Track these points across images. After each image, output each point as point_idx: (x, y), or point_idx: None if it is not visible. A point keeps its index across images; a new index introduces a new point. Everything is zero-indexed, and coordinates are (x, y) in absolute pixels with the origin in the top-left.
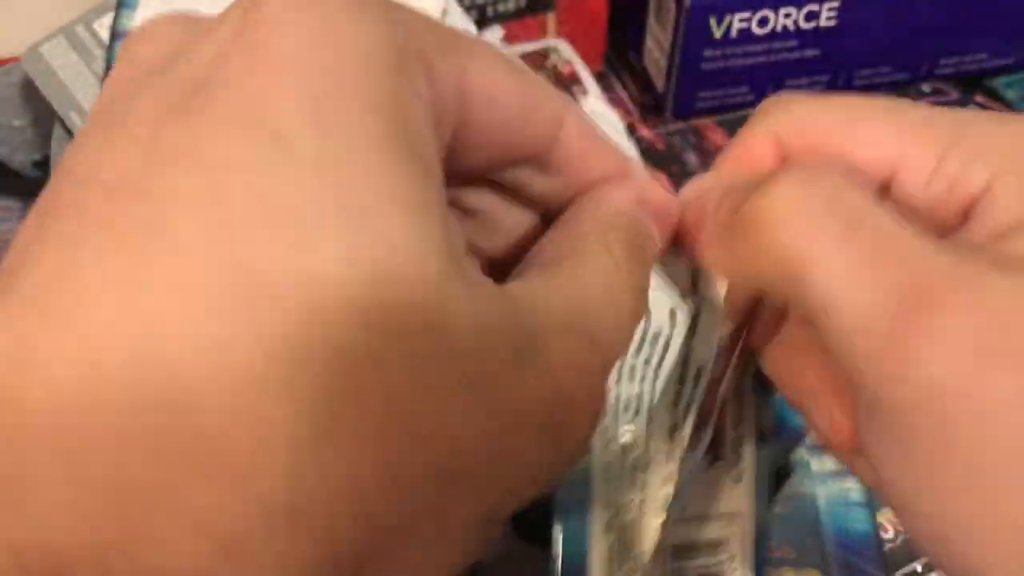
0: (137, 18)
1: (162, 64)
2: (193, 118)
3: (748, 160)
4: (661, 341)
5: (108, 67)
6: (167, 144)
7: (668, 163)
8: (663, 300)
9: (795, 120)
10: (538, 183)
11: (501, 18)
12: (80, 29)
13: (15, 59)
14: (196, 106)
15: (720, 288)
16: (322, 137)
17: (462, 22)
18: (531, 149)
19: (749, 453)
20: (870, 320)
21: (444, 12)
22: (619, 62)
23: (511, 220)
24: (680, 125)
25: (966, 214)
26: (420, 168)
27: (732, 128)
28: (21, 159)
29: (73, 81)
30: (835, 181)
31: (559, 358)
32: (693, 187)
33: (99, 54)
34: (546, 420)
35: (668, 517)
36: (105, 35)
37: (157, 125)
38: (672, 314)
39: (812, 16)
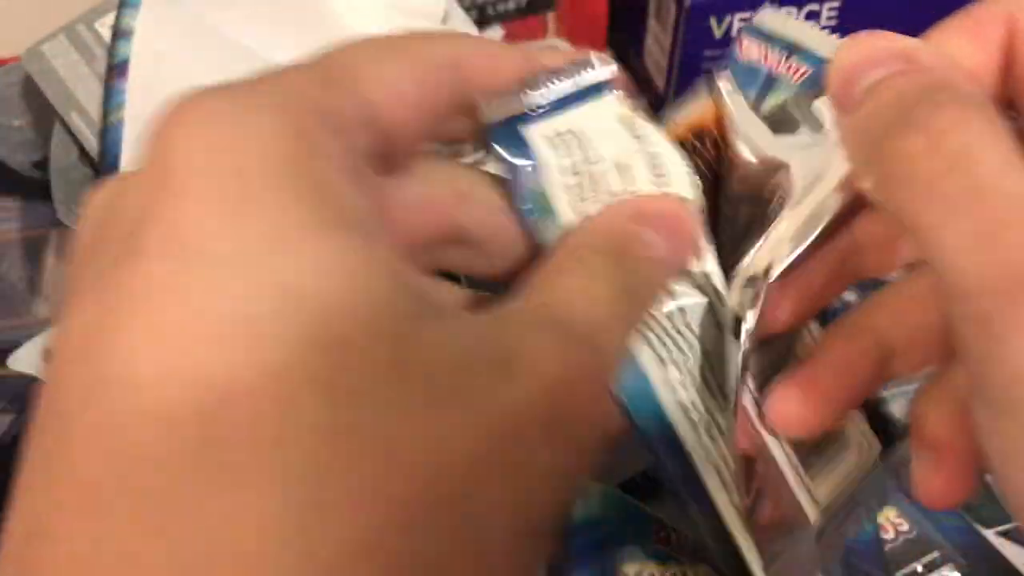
0: (140, 17)
1: (103, 221)
2: (131, 262)
3: (970, 27)
4: None
5: (110, 67)
6: (117, 289)
7: None
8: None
9: None
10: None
11: (501, 18)
12: (81, 28)
13: (15, 58)
14: (131, 251)
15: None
16: (239, 239)
17: (463, 24)
18: (446, 110)
19: None
20: (976, 291)
21: (445, 14)
22: (619, 62)
23: (502, 239)
24: None
25: None
26: (347, 235)
27: None
28: (21, 159)
29: (74, 81)
30: (969, 135)
31: (546, 362)
32: (862, 42)
33: (100, 54)
34: (547, 424)
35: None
36: (107, 34)
37: (104, 276)
38: None
39: (812, 16)
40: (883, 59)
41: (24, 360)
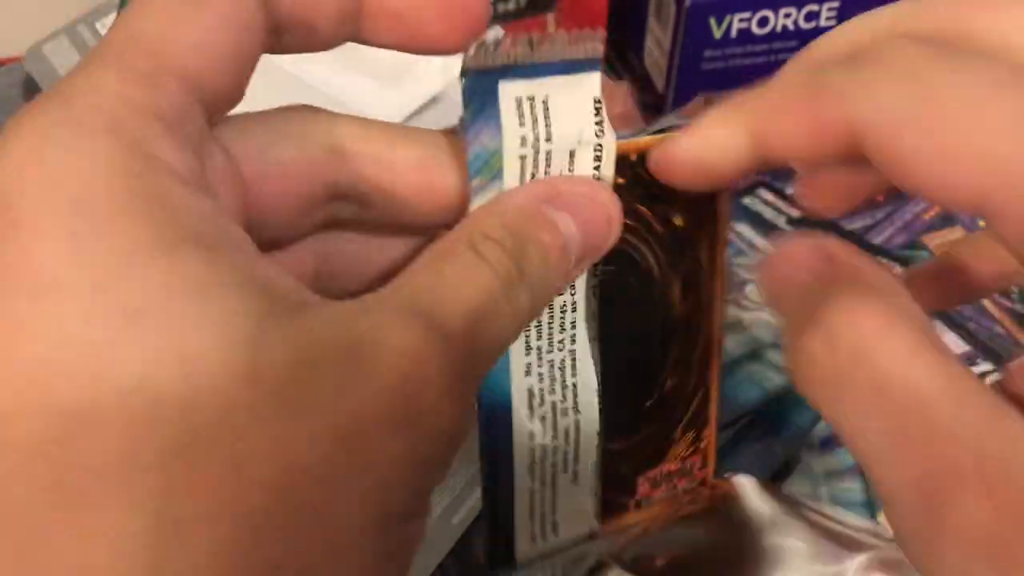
0: None
1: None
2: None
3: (808, 120)
4: None
5: None
6: None
7: None
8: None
9: (882, 114)
10: (372, 213)
11: (501, 18)
12: (82, 29)
13: (17, 58)
14: None
15: None
16: (85, 266)
17: None
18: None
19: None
20: (901, 500)
21: None
22: (619, 62)
23: (393, 195)
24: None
25: None
26: (195, 249)
27: None
28: None
29: None
30: (864, 327)
31: (397, 346)
32: (788, 245)
33: None
34: (397, 419)
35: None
36: None
37: None
38: None
39: (812, 16)
40: (802, 259)
41: None
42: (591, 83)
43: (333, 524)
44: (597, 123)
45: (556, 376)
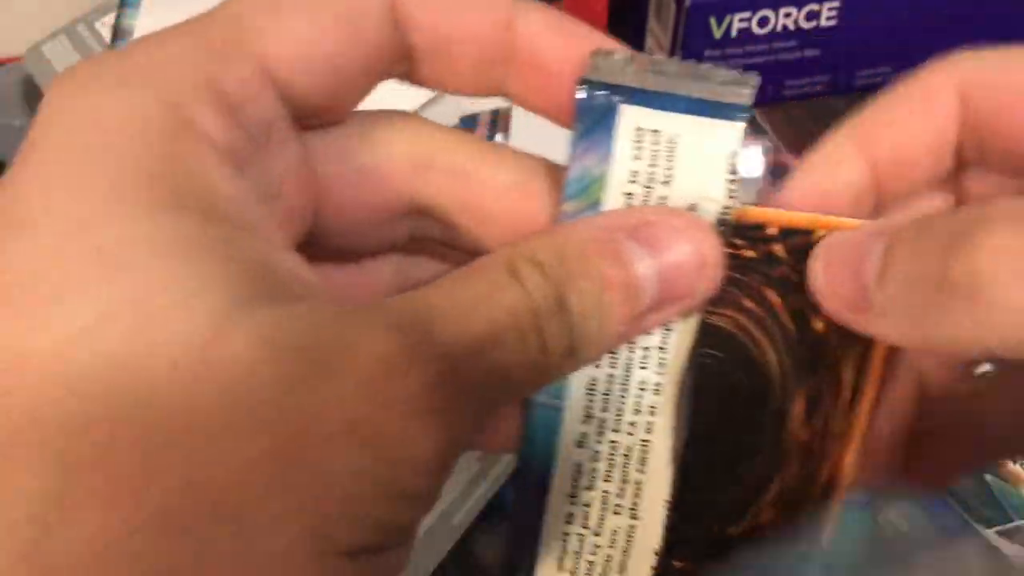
0: (140, 17)
1: None
2: None
3: (920, 98)
4: None
5: None
6: None
7: None
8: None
9: (987, 71)
10: (458, 236)
11: None
12: (82, 28)
13: (17, 58)
14: None
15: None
16: (74, 205)
17: None
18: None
19: None
20: None
21: None
22: None
23: (475, 211)
24: None
25: None
26: (196, 216)
27: None
28: None
29: None
30: None
31: (371, 354)
32: (836, 240)
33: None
34: (355, 424)
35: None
36: (107, 34)
37: None
38: None
39: (812, 16)
40: (870, 240)
41: None
42: (733, 134)
43: (254, 538)
44: (730, 181)
45: (617, 462)
